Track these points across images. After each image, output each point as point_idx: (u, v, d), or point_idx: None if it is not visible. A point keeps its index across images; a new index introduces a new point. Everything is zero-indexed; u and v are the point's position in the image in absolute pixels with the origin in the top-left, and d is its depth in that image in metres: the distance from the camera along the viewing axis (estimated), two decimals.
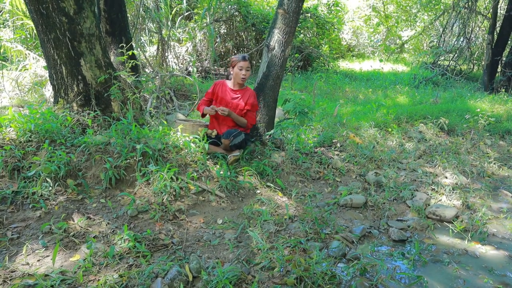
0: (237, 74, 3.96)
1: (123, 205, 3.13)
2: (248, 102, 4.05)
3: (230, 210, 3.27)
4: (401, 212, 3.56)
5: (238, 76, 3.96)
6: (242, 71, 3.92)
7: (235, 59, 3.97)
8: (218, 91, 4.11)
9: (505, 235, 3.26)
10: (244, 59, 3.93)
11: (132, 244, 2.58)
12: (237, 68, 3.93)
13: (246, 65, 3.93)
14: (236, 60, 3.95)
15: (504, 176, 4.95)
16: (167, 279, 2.28)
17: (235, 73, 3.98)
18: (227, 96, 4.07)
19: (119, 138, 3.47)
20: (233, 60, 4.00)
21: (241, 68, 3.92)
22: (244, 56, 3.95)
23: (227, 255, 2.63)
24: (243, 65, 3.91)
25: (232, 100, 4.05)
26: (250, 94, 4.10)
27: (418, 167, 4.63)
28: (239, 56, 3.96)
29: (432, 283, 2.50)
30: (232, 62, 4.01)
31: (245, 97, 4.06)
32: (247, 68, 3.95)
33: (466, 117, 6.65)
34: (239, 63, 3.91)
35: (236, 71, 3.95)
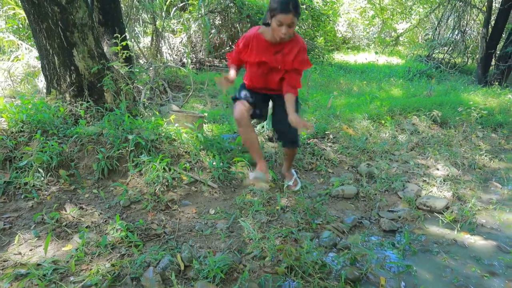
0: (275, 30, 2.66)
1: (116, 196, 3.14)
2: (297, 58, 2.88)
3: (223, 200, 3.29)
4: (392, 203, 3.59)
5: (276, 33, 2.67)
6: (282, 29, 2.59)
7: (275, 6, 2.55)
8: (253, 47, 2.92)
9: (494, 225, 3.31)
10: (285, 10, 2.50)
11: (125, 234, 2.60)
12: (275, 22, 2.60)
13: (288, 21, 2.55)
14: (275, 10, 2.55)
15: (495, 168, 5.00)
16: (159, 268, 2.30)
17: (272, 26, 2.67)
18: (266, 53, 2.90)
19: (111, 129, 3.46)
20: (272, 7, 2.59)
21: (280, 23, 2.57)
22: (286, 3, 2.50)
23: (219, 245, 2.65)
24: (283, 20, 2.54)
25: (274, 55, 2.90)
26: (300, 47, 2.88)
27: (410, 159, 4.66)
28: (278, 3, 2.52)
29: (421, 272, 2.53)
30: (270, 9, 2.62)
31: (293, 50, 2.86)
32: (290, 24, 2.58)
33: (459, 109, 6.69)
34: (278, 15, 2.54)
35: (273, 26, 2.64)
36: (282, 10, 2.51)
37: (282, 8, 2.51)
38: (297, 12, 2.55)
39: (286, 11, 2.51)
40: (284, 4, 2.50)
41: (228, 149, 3.86)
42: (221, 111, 6.55)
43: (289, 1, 2.50)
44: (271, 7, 2.59)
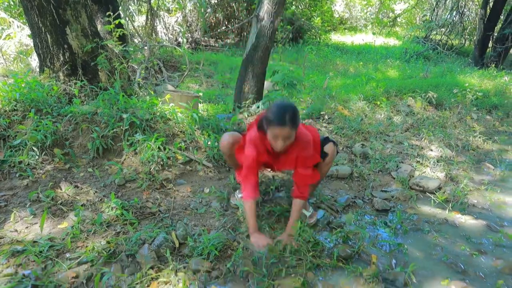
0: (271, 142, 2.35)
1: (111, 174, 3.15)
2: (299, 159, 2.52)
3: (217, 179, 3.31)
4: (386, 183, 3.63)
5: (272, 145, 2.36)
6: (278, 143, 2.28)
7: (270, 117, 2.24)
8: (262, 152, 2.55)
9: (485, 205, 3.36)
10: (281, 123, 2.20)
11: (120, 212, 2.62)
12: (270, 134, 2.28)
13: (284, 133, 2.23)
14: (270, 121, 2.24)
15: (488, 149, 5.05)
16: (154, 245, 2.33)
17: (268, 138, 2.34)
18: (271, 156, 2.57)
19: (106, 108, 3.45)
20: (267, 118, 2.27)
21: (275, 136, 2.26)
22: (281, 118, 2.20)
23: (213, 223, 2.68)
24: (278, 133, 2.23)
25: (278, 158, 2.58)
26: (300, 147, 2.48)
27: (405, 140, 4.69)
28: (273, 114, 2.23)
29: (411, 250, 2.58)
30: (266, 118, 2.30)
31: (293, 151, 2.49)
32: (286, 137, 2.26)
33: (454, 91, 6.70)
34: (274, 128, 2.23)
35: (269, 138, 2.32)
36: (278, 123, 2.20)
37: (277, 120, 2.20)
38: (294, 125, 2.23)
39: (282, 124, 2.20)
40: (279, 116, 2.20)
41: (223, 128, 3.86)
42: (217, 91, 6.53)
43: (285, 113, 2.19)
44: (267, 117, 2.28)
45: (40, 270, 2.08)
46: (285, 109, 2.22)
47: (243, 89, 4.45)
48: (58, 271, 2.10)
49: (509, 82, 8.43)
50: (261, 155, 2.54)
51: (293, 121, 2.22)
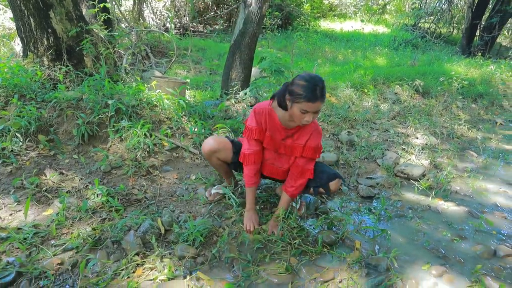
0: (296, 117, 2.17)
1: (96, 161, 3.13)
2: (309, 144, 2.40)
3: (204, 166, 3.31)
4: (371, 170, 3.67)
5: (297, 119, 2.19)
6: (306, 116, 2.14)
7: (300, 92, 2.06)
8: (267, 127, 2.41)
9: (467, 192, 3.42)
10: (313, 98, 2.04)
11: (105, 198, 2.61)
12: (298, 109, 2.11)
13: (315, 108, 2.10)
14: (300, 96, 2.06)
15: (472, 137, 5.12)
16: (139, 231, 2.34)
17: (293, 112, 2.17)
18: (276, 135, 2.44)
19: (91, 94, 3.41)
20: (295, 93, 2.09)
21: (304, 111, 2.11)
22: (314, 90, 2.04)
23: (199, 210, 2.69)
24: (309, 108, 2.09)
25: (283, 140, 2.45)
26: (314, 130, 2.40)
27: (391, 128, 4.73)
28: (307, 89, 2.04)
29: (395, 236, 2.63)
30: (291, 93, 2.12)
31: (304, 134, 2.40)
32: (317, 111, 2.15)
33: (441, 79, 6.76)
34: (304, 103, 2.07)
35: (295, 113, 2.15)
36: (310, 99, 2.04)
37: (310, 96, 2.04)
38: (323, 98, 2.10)
39: (314, 99, 2.05)
40: (312, 92, 2.03)
41: (210, 115, 3.85)
42: (205, 78, 6.49)
43: (316, 87, 2.04)
44: (294, 92, 2.09)
45: (24, 257, 2.08)
46: (315, 81, 2.05)
47: (230, 75, 4.43)
48: (43, 258, 2.10)
49: (494, 71, 8.52)
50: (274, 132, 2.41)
51: (323, 94, 2.08)
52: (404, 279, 2.16)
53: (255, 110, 2.39)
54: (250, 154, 2.45)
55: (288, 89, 2.16)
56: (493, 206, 3.23)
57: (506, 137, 5.44)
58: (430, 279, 2.20)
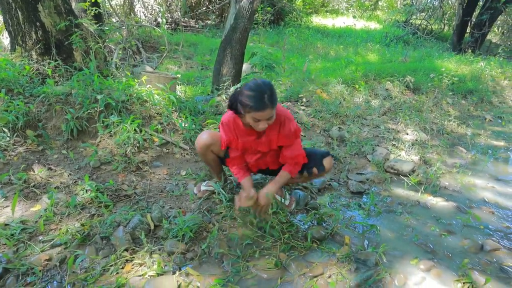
0: (252, 124, 2.18)
1: (85, 156, 3.10)
2: (281, 134, 2.39)
3: (194, 162, 3.30)
4: (362, 166, 3.69)
5: (253, 126, 2.19)
6: (260, 124, 2.13)
7: (247, 103, 2.04)
8: (235, 135, 2.43)
9: (456, 188, 3.45)
10: (261, 107, 2.03)
11: (94, 194, 2.59)
12: (250, 118, 2.12)
13: (266, 116, 2.08)
14: (249, 107, 2.05)
15: (462, 133, 5.17)
16: (129, 227, 2.33)
17: (247, 121, 2.21)
18: (249, 138, 2.44)
19: (81, 89, 3.37)
20: (244, 103, 2.07)
21: (257, 120, 2.11)
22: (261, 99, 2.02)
23: (189, 205, 2.69)
24: (260, 117, 2.08)
25: (258, 140, 2.45)
26: (281, 122, 2.36)
27: (381, 124, 4.75)
28: (254, 99, 2.02)
29: (384, 231, 2.65)
30: (241, 103, 2.10)
31: (274, 126, 2.37)
32: (268, 118, 2.11)
33: (431, 76, 6.79)
34: (254, 113, 2.06)
35: (250, 121, 2.16)
36: (258, 108, 2.02)
37: (258, 106, 2.02)
38: (274, 104, 2.06)
39: (263, 107, 2.02)
40: (259, 101, 2.01)
41: (201, 111, 3.84)
42: (196, 73, 6.46)
43: (263, 95, 2.01)
44: (243, 102, 2.07)
45: (11, 253, 2.06)
46: (262, 90, 2.03)
47: (221, 71, 4.41)
48: (30, 254, 2.08)
49: (484, 68, 8.59)
50: (239, 138, 2.42)
51: (272, 100, 2.05)
52: (393, 274, 2.18)
53: (222, 122, 2.43)
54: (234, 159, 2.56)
55: (238, 100, 2.13)
56: (481, 201, 3.26)
57: (495, 133, 5.50)
58: (418, 273, 2.22)
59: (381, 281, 2.12)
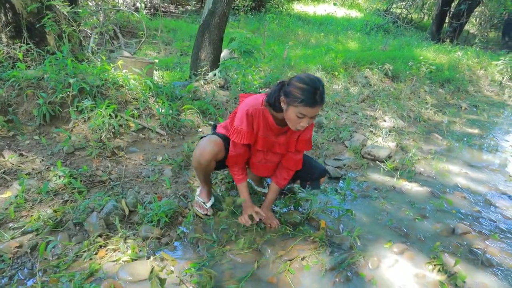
0: (291, 120, 1.99)
1: (59, 142, 3.03)
2: (302, 137, 2.24)
3: (171, 147, 3.26)
4: (339, 152, 3.71)
5: (292, 124, 2.00)
6: (303, 122, 1.96)
7: (297, 95, 1.88)
8: (259, 129, 2.18)
9: (430, 173, 3.52)
10: (313, 103, 1.88)
11: (68, 180, 2.54)
12: (295, 112, 1.92)
13: (313, 113, 1.94)
14: (298, 100, 1.88)
15: (438, 121, 5.26)
16: (103, 213, 2.29)
17: (288, 115, 1.98)
18: (269, 135, 2.22)
19: (53, 73, 3.28)
20: (292, 95, 1.90)
21: (302, 116, 1.92)
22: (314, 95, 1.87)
23: (165, 191, 2.66)
24: (307, 113, 1.92)
25: (276, 137, 2.24)
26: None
27: (360, 110, 4.79)
28: (306, 92, 1.86)
29: (359, 216, 2.68)
30: (288, 95, 1.93)
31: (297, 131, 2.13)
32: (314, 116, 1.98)
33: (410, 64, 6.87)
34: (302, 108, 1.89)
35: (291, 116, 1.96)
36: (309, 103, 1.87)
37: (309, 101, 1.86)
38: (323, 103, 1.95)
39: (314, 104, 1.88)
40: (311, 96, 1.86)
41: (178, 96, 3.79)
42: (175, 59, 6.37)
43: (317, 91, 1.87)
44: (291, 94, 1.90)
45: None
46: (315, 85, 1.88)
47: (199, 56, 4.35)
48: (0, 241, 2.03)
49: (462, 57, 8.73)
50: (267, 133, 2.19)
51: (323, 98, 1.92)
52: (367, 257, 2.21)
53: (247, 112, 2.10)
54: (234, 156, 2.25)
55: (284, 90, 1.96)
56: (454, 186, 3.33)
57: (470, 121, 5.62)
58: (392, 256, 2.26)
59: (355, 264, 2.15)
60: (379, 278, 2.07)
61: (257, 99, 2.14)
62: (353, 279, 2.05)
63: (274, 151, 2.29)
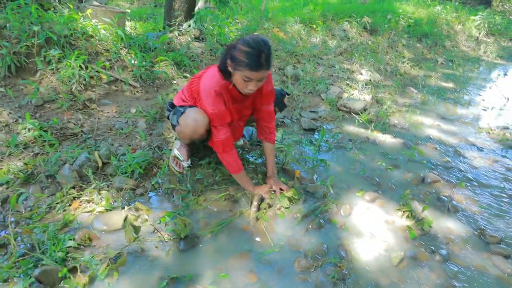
0: (239, 84, 1.95)
1: (27, 94, 2.92)
2: (264, 92, 2.21)
3: (145, 99, 3.19)
4: (315, 104, 3.72)
5: (240, 87, 1.96)
6: (250, 85, 1.91)
7: (242, 59, 1.81)
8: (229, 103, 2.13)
9: (404, 125, 3.58)
10: (257, 66, 1.82)
11: (38, 133, 2.47)
12: (241, 76, 1.87)
13: (259, 76, 1.88)
14: (242, 63, 1.82)
15: (414, 75, 5.29)
16: (75, 165, 2.25)
17: (236, 79, 1.93)
18: (238, 103, 2.19)
19: (16, 21, 3.09)
20: (237, 59, 1.84)
21: (248, 79, 1.87)
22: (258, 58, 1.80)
23: (139, 143, 2.63)
24: (253, 77, 1.86)
25: (243, 103, 2.21)
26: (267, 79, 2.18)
27: (337, 63, 4.76)
28: (250, 56, 1.80)
29: (333, 166, 2.72)
30: (233, 59, 1.87)
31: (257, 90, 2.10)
32: (261, 79, 1.92)
33: (388, 17, 6.80)
34: (247, 71, 1.83)
35: (238, 80, 1.92)
36: (253, 67, 1.81)
37: (253, 64, 1.80)
38: (270, 65, 1.89)
39: (258, 67, 1.82)
40: (256, 59, 1.80)
41: (152, 47, 3.67)
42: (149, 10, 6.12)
43: (261, 53, 1.79)
44: (236, 58, 1.83)
45: None
46: (260, 48, 1.80)
47: (173, 6, 4.17)
48: None
49: (440, 12, 8.68)
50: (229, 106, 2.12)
51: (269, 61, 1.86)
52: (339, 205, 2.27)
53: (216, 92, 2.01)
54: (227, 139, 2.11)
55: (230, 54, 1.89)
56: (426, 138, 3.41)
57: (445, 76, 5.68)
58: (363, 204, 2.33)
59: (327, 212, 2.21)
60: (351, 224, 2.14)
61: (214, 76, 2.03)
62: (325, 225, 2.11)
63: (244, 114, 2.28)
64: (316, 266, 1.80)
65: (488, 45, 8.19)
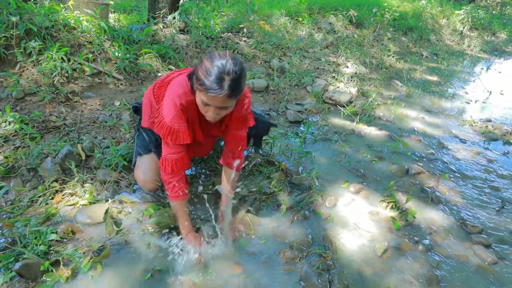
0: (200, 107, 1.59)
1: (6, 87, 2.85)
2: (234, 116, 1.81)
3: (129, 92, 3.16)
4: (301, 96, 3.72)
5: (201, 110, 1.60)
6: (208, 110, 1.55)
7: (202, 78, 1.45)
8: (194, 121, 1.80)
9: (389, 118, 3.61)
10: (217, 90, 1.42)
11: (19, 126, 2.42)
12: (199, 98, 1.54)
13: (217, 103, 1.49)
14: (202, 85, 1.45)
15: (399, 68, 5.33)
16: (58, 158, 2.22)
17: (196, 99, 1.58)
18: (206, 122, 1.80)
19: None
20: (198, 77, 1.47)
21: (205, 103, 1.52)
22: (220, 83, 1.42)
23: (124, 136, 2.60)
24: (210, 102, 1.49)
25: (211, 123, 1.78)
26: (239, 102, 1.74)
27: (323, 56, 4.77)
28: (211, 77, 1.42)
29: (318, 158, 2.74)
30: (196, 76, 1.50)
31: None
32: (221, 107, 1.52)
33: (374, 10, 6.82)
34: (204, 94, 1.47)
35: (198, 102, 1.57)
36: (211, 91, 1.43)
37: (211, 87, 1.43)
38: (234, 94, 1.48)
39: (217, 92, 1.43)
40: (215, 82, 1.42)
41: (136, 40, 3.62)
42: (133, 2, 6.04)
43: (223, 77, 1.42)
44: (198, 76, 1.48)
45: None
46: (225, 69, 1.43)
47: None
48: None
49: (425, 6, 8.75)
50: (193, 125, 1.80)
51: (237, 88, 1.48)
52: (324, 196, 2.28)
53: (181, 105, 1.66)
54: (180, 160, 1.75)
55: (195, 69, 1.54)
56: (411, 130, 3.44)
57: (430, 69, 5.74)
58: (348, 195, 2.34)
59: (313, 203, 2.21)
60: (335, 215, 2.15)
61: (184, 86, 1.67)
62: (310, 216, 2.12)
63: (211, 135, 1.98)
64: (301, 257, 1.81)
65: (472, 39, 8.29)
